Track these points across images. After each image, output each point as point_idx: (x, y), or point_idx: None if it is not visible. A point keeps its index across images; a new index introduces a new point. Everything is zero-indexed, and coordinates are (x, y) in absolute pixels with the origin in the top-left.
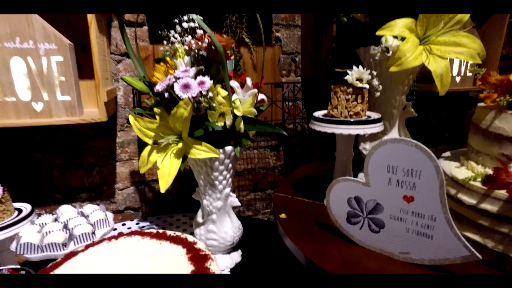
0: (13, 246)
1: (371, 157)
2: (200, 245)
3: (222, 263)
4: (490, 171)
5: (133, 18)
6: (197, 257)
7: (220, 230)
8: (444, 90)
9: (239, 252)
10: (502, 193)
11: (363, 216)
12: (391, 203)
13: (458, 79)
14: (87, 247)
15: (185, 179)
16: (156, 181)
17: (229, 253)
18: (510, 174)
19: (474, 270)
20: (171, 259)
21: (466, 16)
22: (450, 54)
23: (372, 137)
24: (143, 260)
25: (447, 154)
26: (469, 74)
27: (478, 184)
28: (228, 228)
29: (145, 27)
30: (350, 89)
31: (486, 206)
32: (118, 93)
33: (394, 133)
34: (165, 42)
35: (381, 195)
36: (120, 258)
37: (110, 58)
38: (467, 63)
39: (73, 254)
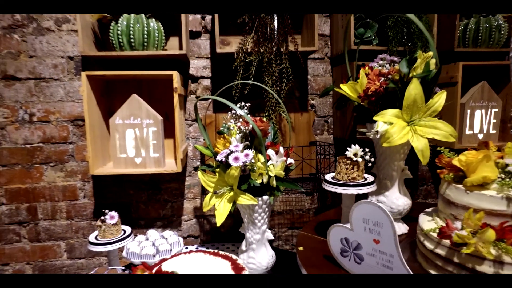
0: (124, 254)
1: (353, 211)
2: (240, 261)
3: None
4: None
5: (201, 94)
6: (237, 268)
7: (257, 256)
8: (425, 161)
9: None
10: (447, 242)
11: (350, 251)
12: (366, 243)
13: (480, 136)
14: (172, 257)
15: (235, 217)
16: (213, 216)
17: None
18: (451, 228)
19: None
20: (221, 268)
21: (440, 107)
22: (429, 134)
23: (377, 192)
24: (205, 267)
25: (429, 210)
26: (493, 131)
27: (435, 234)
28: (264, 255)
29: (210, 100)
30: (349, 161)
31: (438, 251)
32: (188, 148)
33: (394, 190)
34: (223, 122)
35: (360, 238)
36: (191, 265)
37: (184, 122)
38: (489, 121)
39: (164, 260)
